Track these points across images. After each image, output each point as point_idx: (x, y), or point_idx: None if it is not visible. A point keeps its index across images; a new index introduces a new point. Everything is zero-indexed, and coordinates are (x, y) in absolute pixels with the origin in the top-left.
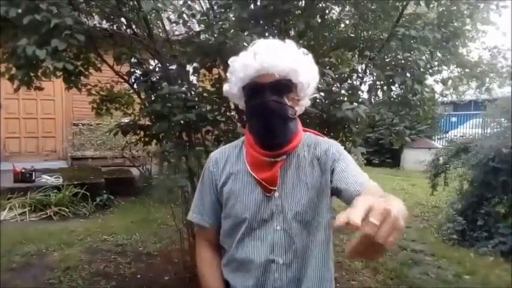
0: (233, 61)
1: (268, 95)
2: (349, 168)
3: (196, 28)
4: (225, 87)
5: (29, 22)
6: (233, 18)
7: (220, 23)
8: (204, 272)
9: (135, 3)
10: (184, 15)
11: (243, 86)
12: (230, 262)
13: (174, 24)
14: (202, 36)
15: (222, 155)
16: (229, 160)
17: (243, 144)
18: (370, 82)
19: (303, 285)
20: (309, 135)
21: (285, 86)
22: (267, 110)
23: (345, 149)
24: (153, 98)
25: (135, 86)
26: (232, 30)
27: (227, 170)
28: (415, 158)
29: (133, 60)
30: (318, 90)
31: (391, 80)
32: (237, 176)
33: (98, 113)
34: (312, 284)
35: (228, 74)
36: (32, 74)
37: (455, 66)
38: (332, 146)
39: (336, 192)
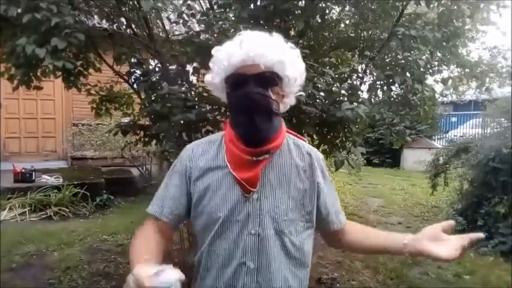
0: (217, 50)
1: (252, 87)
2: (331, 193)
3: (196, 28)
4: (207, 77)
5: (28, 21)
6: (233, 18)
7: (220, 23)
8: (138, 240)
9: (135, 2)
10: (184, 15)
11: (226, 76)
12: (201, 261)
13: (174, 24)
14: (202, 36)
15: (199, 148)
16: (206, 155)
17: (222, 140)
18: (370, 82)
19: None
20: (293, 137)
21: (270, 79)
22: (250, 101)
23: (345, 149)
24: (153, 98)
25: (135, 86)
26: (232, 30)
27: (203, 164)
28: (415, 158)
29: (133, 60)
30: (318, 90)
31: (391, 80)
32: (215, 172)
33: (98, 113)
34: None
35: (210, 64)
36: (31, 74)
37: (455, 66)
38: (320, 159)
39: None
